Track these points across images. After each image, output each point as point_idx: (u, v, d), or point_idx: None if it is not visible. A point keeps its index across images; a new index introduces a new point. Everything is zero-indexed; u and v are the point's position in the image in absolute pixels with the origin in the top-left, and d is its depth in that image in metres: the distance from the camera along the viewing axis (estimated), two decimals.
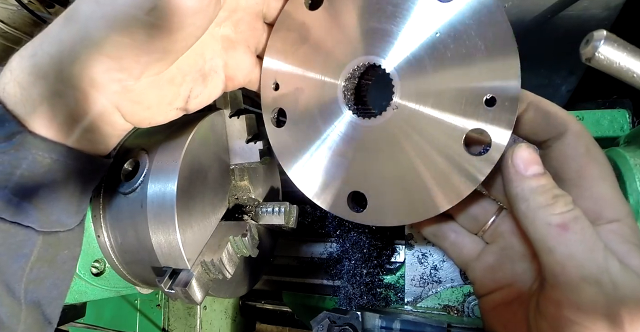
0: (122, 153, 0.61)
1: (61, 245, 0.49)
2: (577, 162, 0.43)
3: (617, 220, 0.41)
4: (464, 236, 0.55)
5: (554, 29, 0.87)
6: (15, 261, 0.45)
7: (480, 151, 0.44)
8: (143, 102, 0.48)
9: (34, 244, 0.46)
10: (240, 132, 0.64)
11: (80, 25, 0.41)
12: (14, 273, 0.45)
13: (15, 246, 0.44)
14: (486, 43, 0.42)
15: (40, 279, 0.47)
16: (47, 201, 0.46)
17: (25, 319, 0.46)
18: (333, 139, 0.52)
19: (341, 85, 0.51)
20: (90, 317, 1.08)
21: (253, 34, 0.55)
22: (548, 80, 1.04)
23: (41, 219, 0.45)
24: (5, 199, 0.43)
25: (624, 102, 1.04)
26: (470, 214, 0.54)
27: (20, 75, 0.43)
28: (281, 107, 0.56)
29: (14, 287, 0.45)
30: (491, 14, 0.42)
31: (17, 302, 0.45)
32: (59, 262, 0.49)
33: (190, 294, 0.52)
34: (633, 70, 0.39)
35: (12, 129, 0.42)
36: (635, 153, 0.52)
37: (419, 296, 0.74)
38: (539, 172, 0.41)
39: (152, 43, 0.41)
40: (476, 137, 0.45)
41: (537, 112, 0.45)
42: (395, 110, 0.47)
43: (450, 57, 0.44)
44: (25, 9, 1.21)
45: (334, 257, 0.83)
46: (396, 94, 0.47)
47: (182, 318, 1.02)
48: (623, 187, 0.51)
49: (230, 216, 0.65)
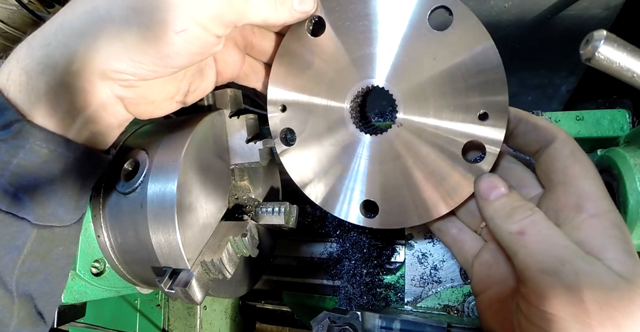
0: (122, 153, 0.61)
1: (56, 241, 0.49)
2: (562, 163, 0.47)
3: (598, 214, 0.44)
4: (466, 233, 0.57)
5: (554, 29, 0.87)
6: (8, 252, 0.45)
7: (476, 158, 0.51)
8: (147, 96, 0.50)
9: (28, 237, 0.46)
10: (240, 132, 0.64)
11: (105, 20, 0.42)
12: (6, 265, 0.45)
13: (9, 237, 0.44)
14: (476, 65, 0.48)
15: (32, 273, 0.47)
16: (44, 193, 0.46)
17: (18, 312, 0.46)
18: (343, 154, 0.57)
19: (347, 108, 0.55)
20: (90, 317, 1.08)
21: (241, 32, 0.57)
22: (548, 80, 1.04)
23: (36, 212, 0.45)
24: (1, 189, 0.43)
25: (624, 102, 1.04)
26: (469, 209, 0.56)
27: (30, 64, 0.43)
28: (289, 127, 0.60)
29: (5, 280, 0.45)
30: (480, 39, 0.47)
31: (10, 294, 0.46)
32: (52, 258, 0.49)
33: (190, 294, 0.52)
34: (633, 70, 0.39)
35: (11, 118, 0.43)
36: (635, 153, 0.52)
37: (419, 296, 0.74)
38: (501, 194, 0.48)
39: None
40: (472, 146, 0.51)
41: (527, 126, 0.50)
42: (399, 127, 0.53)
43: (446, 80, 0.49)
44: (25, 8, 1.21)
45: (334, 257, 0.83)
46: (400, 112, 0.52)
47: (182, 318, 1.02)
48: (623, 187, 0.51)
49: (230, 216, 0.65)
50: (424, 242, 0.75)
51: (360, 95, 0.55)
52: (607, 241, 0.42)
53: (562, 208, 0.46)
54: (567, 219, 0.45)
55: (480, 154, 0.51)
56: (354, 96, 0.54)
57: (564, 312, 0.40)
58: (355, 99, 0.55)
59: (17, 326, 0.47)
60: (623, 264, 0.41)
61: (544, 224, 0.44)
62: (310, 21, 0.55)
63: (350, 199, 0.58)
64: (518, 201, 0.47)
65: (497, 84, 0.47)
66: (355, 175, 0.57)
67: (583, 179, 0.45)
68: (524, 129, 0.50)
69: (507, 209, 0.47)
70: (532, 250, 0.43)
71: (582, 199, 0.44)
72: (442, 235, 0.59)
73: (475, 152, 0.52)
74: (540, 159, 0.50)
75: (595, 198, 0.44)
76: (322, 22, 0.54)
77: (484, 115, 0.49)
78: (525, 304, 0.44)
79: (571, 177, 0.46)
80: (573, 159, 0.46)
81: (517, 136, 0.51)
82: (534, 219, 0.45)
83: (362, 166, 0.56)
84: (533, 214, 0.45)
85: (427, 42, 0.49)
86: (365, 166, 0.56)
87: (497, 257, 0.53)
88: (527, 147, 0.51)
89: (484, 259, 0.54)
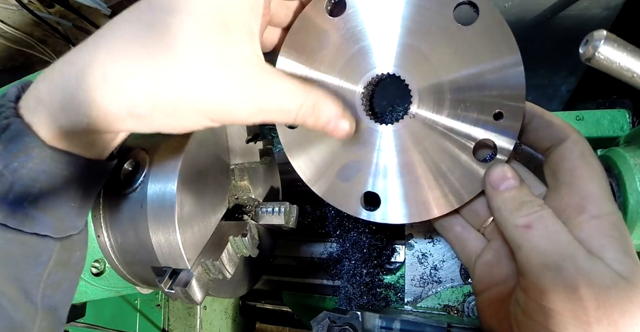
0: (122, 153, 0.61)
1: (74, 247, 0.50)
2: (571, 163, 0.47)
3: (599, 216, 0.44)
4: (469, 231, 0.57)
5: (554, 29, 0.87)
6: (34, 268, 0.45)
7: (486, 158, 0.50)
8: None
9: (52, 251, 0.46)
10: (240, 132, 0.64)
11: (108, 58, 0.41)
12: (32, 280, 0.45)
13: (34, 255, 0.45)
14: (497, 65, 0.47)
15: (57, 283, 0.48)
16: (63, 209, 0.46)
17: (40, 323, 0.47)
18: (347, 142, 0.55)
19: (360, 92, 0.53)
20: (90, 317, 1.08)
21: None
22: (548, 80, 1.04)
23: (57, 227, 0.46)
24: (24, 213, 0.43)
25: (624, 102, 1.04)
26: (473, 208, 0.55)
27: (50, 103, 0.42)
28: None
29: (32, 293, 0.45)
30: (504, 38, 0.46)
31: (34, 307, 0.46)
32: (72, 264, 0.50)
33: (190, 294, 0.52)
34: (633, 70, 0.39)
35: (32, 144, 0.42)
36: (635, 153, 0.52)
37: (419, 296, 0.74)
38: (511, 186, 0.47)
39: None
40: (483, 145, 0.50)
41: (541, 122, 0.49)
42: (411, 119, 0.51)
43: (465, 76, 0.48)
44: (25, 9, 1.21)
45: (334, 257, 0.83)
46: (414, 103, 0.51)
47: (182, 318, 1.02)
48: (623, 187, 0.51)
49: (230, 216, 0.65)
50: (424, 242, 0.75)
51: (375, 81, 0.54)
52: (607, 241, 0.43)
53: (564, 208, 0.46)
54: (569, 219, 0.45)
55: (491, 154, 0.50)
56: (368, 82, 0.53)
57: (561, 308, 0.41)
58: (368, 85, 0.53)
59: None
60: (622, 263, 0.41)
61: (552, 221, 0.44)
62: (330, 1, 0.53)
63: (351, 189, 0.56)
64: (528, 196, 0.47)
65: (516, 83, 0.47)
66: (358, 165, 0.55)
67: (588, 181, 0.45)
68: (537, 125, 0.50)
69: (515, 202, 0.47)
70: (536, 244, 0.44)
71: (586, 201, 0.45)
72: (446, 232, 0.59)
73: (485, 151, 0.51)
74: (549, 157, 0.49)
75: (598, 200, 0.44)
76: (344, 3, 0.52)
77: (498, 115, 0.48)
78: (524, 297, 0.45)
79: (577, 178, 0.46)
80: (582, 160, 0.46)
81: (530, 132, 0.50)
82: (542, 214, 0.45)
83: (367, 155, 0.54)
84: (542, 210, 0.45)
85: (450, 36, 0.48)
86: (371, 156, 0.54)
87: (499, 257, 0.53)
88: (538, 144, 0.51)
89: (487, 259, 0.54)
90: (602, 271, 0.41)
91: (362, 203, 0.56)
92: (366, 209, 0.55)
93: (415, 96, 0.51)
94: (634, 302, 0.39)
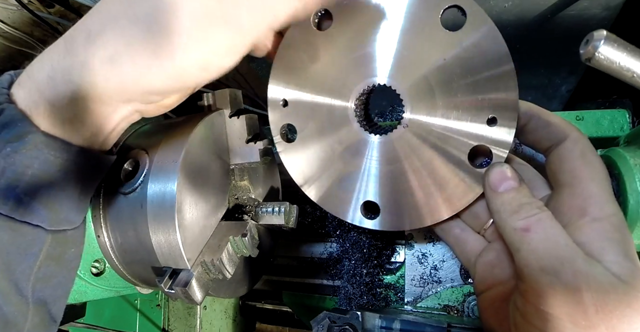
0: (122, 153, 0.61)
1: (68, 243, 0.49)
2: (571, 163, 0.46)
3: (601, 218, 0.43)
4: (469, 233, 0.57)
5: (554, 29, 0.87)
6: (25, 259, 0.45)
7: (482, 163, 0.50)
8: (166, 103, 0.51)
9: (43, 243, 0.46)
10: (240, 132, 0.63)
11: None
12: (23, 272, 0.45)
13: (25, 245, 0.44)
14: (488, 69, 0.46)
15: (48, 278, 0.48)
16: (57, 200, 0.46)
17: (32, 318, 0.46)
18: (346, 154, 0.56)
19: (352, 106, 0.54)
20: (90, 317, 1.08)
21: None
22: (548, 80, 1.04)
23: (51, 218, 0.45)
24: (16, 200, 0.43)
25: (624, 102, 1.04)
26: (472, 211, 0.55)
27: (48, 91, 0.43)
28: (290, 123, 0.58)
29: (22, 286, 0.45)
30: (494, 43, 0.46)
31: (25, 301, 0.46)
32: (66, 260, 0.50)
33: (190, 294, 0.52)
34: (633, 70, 0.39)
35: (25, 129, 0.42)
36: (635, 153, 0.52)
37: (419, 296, 0.74)
38: (510, 187, 0.47)
39: None
40: (479, 151, 0.50)
41: (539, 122, 0.49)
42: (405, 128, 0.51)
43: (455, 82, 0.48)
44: (25, 9, 1.21)
45: (334, 257, 0.83)
46: (406, 113, 0.51)
47: (182, 318, 1.01)
48: (623, 187, 0.51)
49: (230, 216, 0.65)
50: (424, 242, 0.75)
51: (366, 93, 0.54)
52: (607, 243, 0.42)
53: (566, 210, 0.45)
54: (570, 221, 0.45)
55: (487, 159, 0.50)
56: (359, 94, 0.53)
57: (560, 312, 0.40)
58: (360, 97, 0.53)
59: (31, 329, 0.47)
60: (622, 266, 0.41)
61: (550, 224, 0.44)
62: (317, 14, 0.53)
63: (351, 199, 0.57)
64: (527, 197, 0.46)
65: (508, 89, 0.46)
66: (356, 175, 0.56)
67: (590, 182, 0.45)
68: (536, 125, 0.49)
69: (514, 204, 0.46)
70: (534, 247, 0.43)
71: (587, 203, 0.44)
72: (445, 234, 0.58)
73: (481, 157, 0.51)
74: (550, 157, 0.49)
75: (600, 201, 0.44)
76: (329, 16, 0.52)
77: (492, 120, 0.47)
78: (522, 301, 0.44)
79: (578, 179, 0.45)
80: (582, 160, 0.46)
81: (528, 133, 0.50)
82: (540, 217, 0.44)
83: (365, 165, 0.55)
84: (541, 213, 0.45)
85: (438, 42, 0.48)
86: (368, 166, 0.55)
87: (501, 258, 0.52)
88: (538, 144, 0.50)
89: (488, 259, 0.53)
90: (601, 275, 0.40)
91: (364, 212, 0.57)
92: (369, 217, 0.57)
93: (407, 105, 0.51)
94: (633, 307, 0.39)
